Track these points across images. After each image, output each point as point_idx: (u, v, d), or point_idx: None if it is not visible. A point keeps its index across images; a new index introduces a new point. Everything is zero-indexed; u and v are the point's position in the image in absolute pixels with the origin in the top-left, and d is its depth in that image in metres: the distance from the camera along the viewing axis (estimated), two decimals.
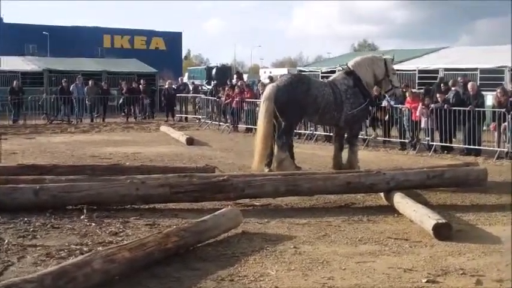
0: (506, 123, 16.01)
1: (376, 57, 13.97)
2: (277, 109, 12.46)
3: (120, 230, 8.47)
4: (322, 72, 31.73)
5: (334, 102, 12.84)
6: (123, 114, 31.09)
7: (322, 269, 6.89)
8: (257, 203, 10.31)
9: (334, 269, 6.89)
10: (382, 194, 10.59)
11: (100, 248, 6.91)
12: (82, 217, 8.98)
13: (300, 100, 12.52)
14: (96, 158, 15.82)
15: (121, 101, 31.60)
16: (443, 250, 7.64)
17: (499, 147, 16.30)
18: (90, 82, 30.78)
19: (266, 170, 12.48)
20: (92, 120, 29.21)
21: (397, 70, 27.05)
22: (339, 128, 13.49)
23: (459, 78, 20.86)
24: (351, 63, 13.55)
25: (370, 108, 14.75)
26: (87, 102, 29.91)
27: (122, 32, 74.33)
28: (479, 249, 7.66)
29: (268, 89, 12.95)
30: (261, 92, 23.52)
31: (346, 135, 13.52)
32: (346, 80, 13.20)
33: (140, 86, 31.93)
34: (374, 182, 10.30)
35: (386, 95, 14.39)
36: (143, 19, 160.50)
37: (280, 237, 8.26)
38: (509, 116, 15.69)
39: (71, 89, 30.07)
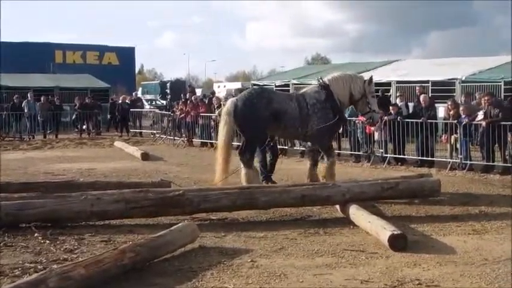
0: (457, 135, 16.28)
1: (356, 76, 13.64)
2: (237, 124, 12.53)
3: (75, 247, 8.35)
4: (276, 86, 31.91)
5: (298, 116, 12.67)
6: (76, 130, 30.78)
7: (280, 282, 6.89)
8: (213, 217, 10.28)
9: (292, 282, 6.89)
10: (337, 206, 10.63)
11: (55, 266, 6.78)
12: (36, 235, 8.82)
13: (260, 114, 12.40)
14: (50, 175, 15.59)
15: (74, 116, 31.28)
16: (399, 261, 7.70)
17: (451, 158, 16.55)
18: (42, 98, 30.38)
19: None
20: (44, 137, 28.82)
21: None
22: (310, 143, 13.42)
23: (417, 90, 21.18)
24: (327, 78, 13.32)
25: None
26: (39, 118, 29.55)
27: (74, 47, 73.32)
28: (434, 260, 7.74)
29: (228, 104, 12.93)
30: (215, 106, 23.64)
31: (320, 151, 13.23)
32: (317, 94, 12.97)
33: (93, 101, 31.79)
34: (330, 194, 10.34)
35: (363, 118, 13.96)
36: (95, 34, 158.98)
37: (237, 251, 8.24)
38: (461, 128, 15.95)
39: (22, 105, 29.70)
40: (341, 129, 15.56)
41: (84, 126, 30.92)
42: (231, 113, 12.51)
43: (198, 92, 48.23)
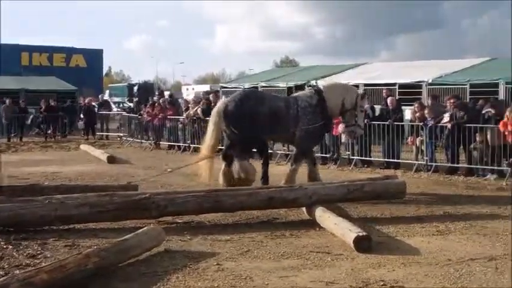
0: (423, 137, 16.43)
1: (351, 88, 13.90)
2: (228, 125, 12.62)
3: (39, 252, 8.24)
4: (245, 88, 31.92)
5: (287, 117, 12.81)
6: (36, 130, 30.43)
7: (246, 285, 6.89)
8: (180, 220, 10.24)
9: (258, 285, 6.89)
10: (304, 209, 10.65)
11: (17, 271, 6.72)
12: None
13: (250, 115, 12.51)
14: (14, 179, 15.39)
15: (29, 121, 30.87)
16: (364, 262, 7.75)
17: (417, 160, 16.68)
18: (7, 101, 30.02)
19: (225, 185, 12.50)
20: (8, 140, 28.46)
21: None
22: (296, 145, 13.51)
23: (384, 92, 21.32)
24: (323, 84, 13.60)
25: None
26: (3, 121, 29.18)
27: (41, 49, 72.57)
28: (398, 261, 7.80)
29: (219, 105, 13.11)
30: (183, 108, 23.60)
31: (294, 151, 13.46)
32: (309, 98, 13.13)
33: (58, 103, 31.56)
34: (296, 197, 10.36)
35: (346, 130, 14.19)
36: (62, 36, 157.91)
37: (203, 254, 8.22)
38: (426, 130, 16.10)
39: None
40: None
41: (49, 130, 30.52)
42: (221, 113, 12.64)
43: (167, 94, 48.09)
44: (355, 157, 17.65)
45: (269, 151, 18.86)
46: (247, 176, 12.36)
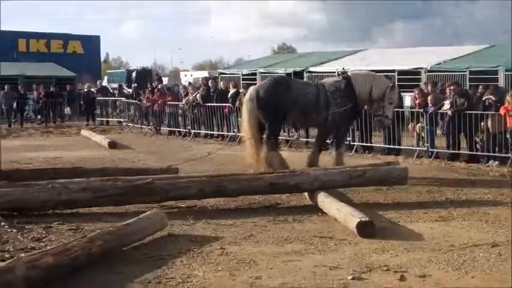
0: (423, 124, 16.43)
1: (381, 79, 13.90)
2: (260, 111, 12.85)
3: (43, 235, 8.26)
4: (243, 75, 31.87)
5: (317, 102, 13.06)
6: (39, 118, 30.47)
7: (249, 269, 6.91)
8: (182, 205, 10.25)
9: (261, 269, 6.91)
10: (306, 194, 10.66)
11: (22, 254, 6.71)
12: (2, 223, 8.71)
13: (281, 101, 12.81)
14: (15, 164, 15.38)
15: (29, 107, 30.86)
16: (367, 247, 7.76)
17: (418, 146, 16.69)
18: (5, 87, 29.99)
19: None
20: (9, 126, 28.50)
21: (318, 72, 27.60)
22: (323, 129, 13.79)
23: None
24: (352, 71, 13.89)
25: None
26: (3, 107, 29.17)
27: (38, 35, 72.05)
28: (401, 246, 7.80)
29: (250, 91, 13.30)
30: (183, 94, 23.60)
31: (331, 138, 13.79)
32: (337, 83, 13.39)
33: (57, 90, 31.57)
34: (298, 182, 10.35)
35: (374, 119, 14.30)
36: (59, 23, 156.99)
37: (207, 238, 8.24)
38: (427, 117, 16.10)
39: None
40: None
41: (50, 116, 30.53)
42: (254, 99, 12.88)
43: (165, 81, 47.96)
44: (356, 143, 17.65)
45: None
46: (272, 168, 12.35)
